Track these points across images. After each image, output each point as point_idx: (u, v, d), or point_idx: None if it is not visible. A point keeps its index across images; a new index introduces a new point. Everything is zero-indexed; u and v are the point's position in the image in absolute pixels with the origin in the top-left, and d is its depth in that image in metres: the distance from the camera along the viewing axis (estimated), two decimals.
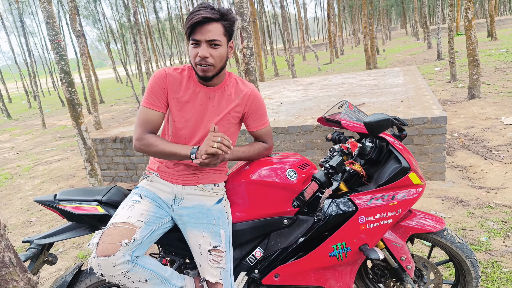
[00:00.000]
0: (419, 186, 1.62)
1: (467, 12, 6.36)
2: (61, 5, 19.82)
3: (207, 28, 1.38)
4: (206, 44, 1.40)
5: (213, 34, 1.39)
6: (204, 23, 1.38)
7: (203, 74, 1.43)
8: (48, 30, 3.80)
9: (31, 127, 12.91)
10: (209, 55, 1.40)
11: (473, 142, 4.51)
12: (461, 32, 20.46)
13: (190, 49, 1.44)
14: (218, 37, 1.40)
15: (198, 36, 1.39)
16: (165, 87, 1.51)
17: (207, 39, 1.39)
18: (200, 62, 1.40)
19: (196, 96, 1.53)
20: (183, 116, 1.53)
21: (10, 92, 35.48)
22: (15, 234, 3.78)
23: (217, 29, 1.40)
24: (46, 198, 1.71)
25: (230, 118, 1.57)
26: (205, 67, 1.41)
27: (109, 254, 1.29)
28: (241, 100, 1.58)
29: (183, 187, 1.56)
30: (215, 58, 1.41)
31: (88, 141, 4.17)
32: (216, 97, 1.54)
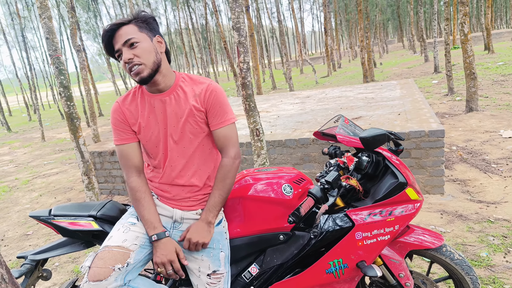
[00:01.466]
0: (417, 202, 1.60)
1: (463, 26, 6.44)
2: (63, 20, 20.07)
3: (119, 34, 1.36)
4: (126, 48, 1.36)
5: (126, 35, 1.35)
6: (115, 32, 1.36)
7: (139, 77, 1.36)
8: (48, 45, 3.83)
9: (30, 140, 12.91)
10: (132, 55, 1.35)
11: (472, 156, 4.51)
12: (458, 46, 20.69)
13: (122, 65, 1.40)
14: (133, 35, 1.36)
15: (116, 46, 1.36)
16: (124, 118, 1.48)
17: (122, 41, 1.35)
18: (129, 67, 1.36)
19: (154, 108, 1.47)
20: (149, 132, 1.48)
21: (10, 105, 35.61)
22: (11, 248, 3.74)
23: (129, 30, 1.36)
24: (41, 213, 1.69)
25: (194, 119, 1.46)
26: (136, 68, 1.35)
27: (101, 279, 1.25)
28: (199, 97, 1.46)
29: (182, 212, 1.51)
30: (140, 55, 1.35)
31: (86, 154, 4.16)
32: (173, 100, 1.46)
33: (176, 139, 1.47)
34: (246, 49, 3.10)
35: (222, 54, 45.65)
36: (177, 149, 1.48)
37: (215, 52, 39.07)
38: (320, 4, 41.05)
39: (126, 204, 1.80)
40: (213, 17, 28.61)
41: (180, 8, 28.16)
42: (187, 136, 1.47)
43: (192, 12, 29.84)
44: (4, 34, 19.86)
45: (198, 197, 1.52)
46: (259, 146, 3.34)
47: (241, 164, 4.34)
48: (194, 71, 50.96)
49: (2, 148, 11.74)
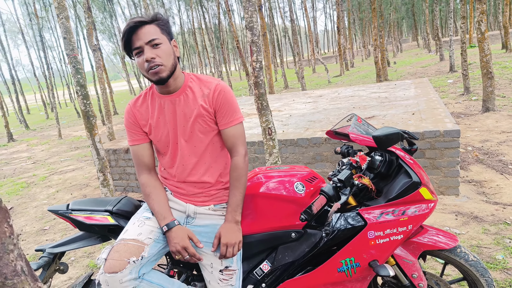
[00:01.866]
0: (431, 202, 1.59)
1: (480, 24, 6.32)
2: (79, 20, 20.43)
3: (142, 32, 1.37)
4: (148, 46, 1.38)
5: (150, 34, 1.38)
6: (137, 28, 1.37)
7: (157, 77, 1.39)
8: (65, 45, 3.92)
9: (47, 137, 13.19)
10: (155, 55, 1.37)
11: (488, 156, 4.42)
12: (474, 44, 20.27)
13: (136, 62, 1.42)
14: (156, 35, 1.39)
15: (137, 43, 1.38)
16: (135, 120, 1.53)
17: (146, 40, 1.37)
18: (150, 65, 1.37)
19: (164, 108, 1.50)
20: (159, 132, 1.52)
21: (28, 104, 36.47)
22: (29, 242, 3.84)
23: (152, 30, 1.39)
24: (59, 207, 1.75)
25: (203, 119, 1.49)
26: (156, 68, 1.38)
27: (116, 271, 1.29)
28: (208, 97, 1.49)
29: (195, 207, 1.55)
30: (161, 56, 1.38)
31: (101, 151, 4.23)
32: (182, 101, 1.49)
33: (186, 138, 1.50)
34: (259, 48, 3.11)
35: (234, 53, 45.76)
36: (188, 148, 1.51)
37: (227, 52, 39.20)
38: (333, 3, 40.76)
39: (140, 200, 1.84)
40: (226, 17, 28.70)
41: (194, 8, 28.34)
42: (197, 135, 1.50)
43: (205, 11, 29.99)
44: (23, 34, 20.32)
45: (211, 192, 1.55)
46: (271, 145, 3.34)
47: (253, 162, 4.35)
48: (207, 70, 51.24)
49: (21, 145, 12.03)
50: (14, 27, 33.35)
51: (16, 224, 4.47)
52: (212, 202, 1.56)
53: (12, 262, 0.62)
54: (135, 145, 1.55)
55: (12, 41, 39.73)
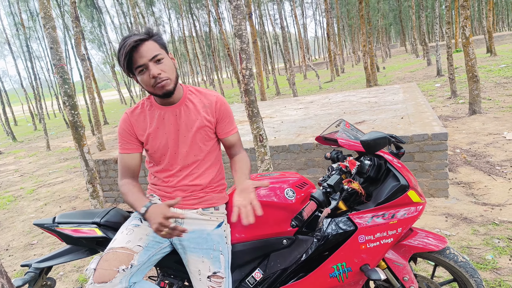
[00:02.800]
0: (419, 204, 1.60)
1: (464, 29, 6.45)
2: (67, 30, 20.32)
3: (143, 49, 1.39)
4: (152, 63, 1.40)
5: (152, 51, 1.41)
6: (138, 46, 1.39)
7: (164, 90, 1.43)
8: (52, 55, 3.89)
9: (35, 149, 13.01)
10: (160, 71, 1.41)
11: (476, 158, 4.48)
12: (460, 49, 20.66)
13: (139, 78, 1.44)
14: (158, 51, 1.42)
15: (140, 61, 1.39)
16: (131, 129, 1.55)
17: (150, 57, 1.40)
18: (156, 81, 1.41)
19: (164, 119, 1.54)
20: (158, 142, 1.54)
21: (16, 115, 35.97)
22: (16, 258, 3.76)
23: (152, 46, 1.42)
24: (45, 221, 1.71)
25: (204, 129, 1.56)
26: (163, 82, 1.42)
27: (106, 281, 1.27)
28: (210, 108, 1.57)
29: (182, 211, 1.55)
30: (166, 70, 1.43)
31: (90, 162, 4.19)
32: (183, 112, 1.54)
33: (187, 148, 1.55)
34: (248, 55, 3.13)
35: (226, 61, 45.90)
36: (188, 157, 1.55)
37: (219, 59, 39.30)
38: (323, 10, 41.26)
39: (129, 211, 1.81)
40: (217, 25, 28.83)
41: (184, 16, 28.41)
42: (198, 145, 1.56)
43: (195, 20, 30.09)
44: (9, 44, 20.12)
45: (200, 195, 1.57)
46: (262, 151, 3.35)
47: None
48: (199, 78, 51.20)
49: (8, 158, 11.84)
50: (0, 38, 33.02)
51: (3, 239, 4.38)
52: (200, 205, 1.56)
53: None
54: (127, 153, 1.56)
55: None
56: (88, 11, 23.62)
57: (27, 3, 20.32)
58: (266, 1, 31.37)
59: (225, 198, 1.66)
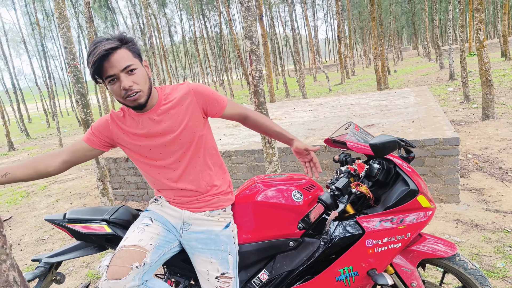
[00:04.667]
0: (429, 209, 1.58)
1: (478, 33, 6.36)
2: (81, 30, 20.63)
3: (115, 59, 1.30)
4: (124, 73, 1.31)
5: (124, 61, 1.31)
6: (109, 55, 1.29)
7: (135, 103, 1.35)
8: (66, 54, 3.95)
9: (48, 146, 13.22)
10: (132, 82, 1.32)
11: (488, 164, 4.41)
12: (473, 53, 20.37)
13: (110, 89, 1.35)
14: (131, 61, 1.33)
15: (111, 71, 1.30)
16: (107, 129, 1.48)
17: (121, 68, 1.30)
18: (127, 93, 1.32)
19: (144, 127, 1.46)
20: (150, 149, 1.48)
21: (30, 113, 36.62)
22: (27, 252, 3.82)
23: (125, 55, 1.32)
24: (56, 217, 1.74)
25: (194, 121, 1.49)
26: (135, 96, 1.33)
27: (120, 277, 1.28)
28: (190, 100, 1.47)
29: (190, 213, 1.54)
30: (138, 82, 1.33)
31: (101, 160, 4.24)
32: (162, 114, 1.46)
33: (175, 147, 1.48)
34: (258, 57, 3.14)
35: (236, 62, 46.04)
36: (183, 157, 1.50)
37: (229, 60, 39.43)
38: (334, 12, 41.09)
39: (138, 210, 1.83)
40: (228, 26, 28.93)
41: (195, 17, 28.60)
42: (186, 143, 1.48)
43: (207, 21, 30.26)
44: (25, 43, 20.52)
45: (206, 198, 1.55)
46: (270, 153, 3.35)
47: (253, 171, 4.35)
48: (209, 79, 51.43)
49: (21, 154, 12.05)
50: (17, 37, 33.69)
51: (15, 234, 4.46)
52: (208, 208, 1.55)
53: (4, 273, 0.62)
54: (89, 145, 1.49)
55: (14, 50, 40.12)
56: (102, 11, 23.92)
57: (42, 3, 20.70)
58: (277, 3, 31.37)
59: (231, 200, 1.64)
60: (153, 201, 1.64)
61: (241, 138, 5.01)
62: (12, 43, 35.85)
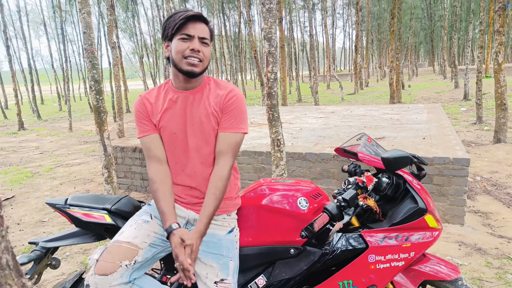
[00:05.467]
0: (435, 230, 1.55)
1: (498, 55, 6.27)
2: (102, 17, 20.80)
3: (200, 26, 1.41)
4: (199, 40, 1.41)
5: (205, 32, 1.43)
6: (197, 20, 1.41)
7: (190, 68, 1.39)
8: (84, 39, 3.97)
9: (58, 129, 13.35)
10: (201, 50, 1.41)
11: (496, 188, 4.33)
12: (490, 75, 20.12)
13: (176, 44, 1.40)
14: (208, 36, 1.44)
15: (192, 31, 1.39)
16: (145, 110, 1.50)
17: (200, 35, 1.40)
18: (191, 54, 1.38)
19: (175, 103, 1.48)
20: (167, 126, 1.48)
21: (43, 94, 37.02)
22: (26, 233, 3.84)
23: (206, 30, 1.44)
24: (57, 201, 1.73)
25: (211, 121, 1.46)
26: (196, 62, 1.39)
27: (107, 274, 1.26)
28: (220, 99, 1.48)
29: (196, 214, 1.51)
30: (205, 54, 1.42)
31: (109, 148, 4.25)
32: (195, 99, 1.48)
33: (195, 138, 1.47)
34: (275, 59, 3.12)
35: (251, 63, 46.06)
36: (195, 150, 1.47)
37: (245, 61, 39.46)
38: (353, 22, 40.95)
39: (141, 201, 1.82)
40: (246, 26, 28.98)
41: (215, 15, 28.70)
42: (205, 137, 1.47)
43: (226, 19, 30.34)
44: (45, 25, 20.77)
45: None
46: (278, 156, 3.32)
47: (259, 172, 4.33)
48: (223, 77, 51.54)
49: (30, 134, 12.18)
50: (38, 18, 34.06)
51: (16, 213, 4.49)
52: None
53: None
54: (145, 136, 1.50)
55: (34, 31, 40.59)
56: (124, 1, 24.13)
57: None
58: (298, 8, 31.35)
59: (238, 204, 1.61)
60: None
61: (249, 139, 4.99)
62: (32, 24, 36.26)
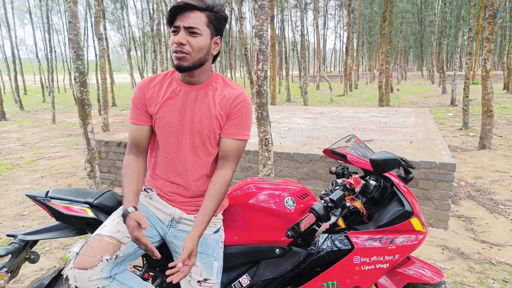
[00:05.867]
0: (421, 233, 1.55)
1: (486, 62, 6.38)
2: (89, 8, 20.43)
3: (188, 15, 1.29)
4: (185, 31, 1.30)
5: (192, 21, 1.29)
6: (185, 10, 1.29)
7: (177, 62, 1.31)
8: (70, 29, 3.87)
9: (41, 120, 13.05)
10: (186, 42, 1.29)
11: (480, 193, 4.40)
12: (477, 81, 20.53)
13: (170, 39, 1.34)
14: (198, 25, 1.30)
15: (178, 22, 1.30)
16: (143, 97, 1.43)
17: (186, 25, 1.29)
18: (176, 49, 1.30)
19: (177, 96, 1.41)
20: (164, 118, 1.41)
21: (27, 84, 36.17)
22: (4, 226, 3.73)
23: (198, 18, 1.30)
24: (38, 193, 1.67)
25: (213, 123, 1.40)
26: (180, 55, 1.30)
27: (87, 268, 1.22)
28: (227, 101, 1.40)
29: (181, 212, 1.46)
30: (192, 46, 1.30)
31: (92, 142, 4.16)
32: (199, 97, 1.40)
33: (191, 136, 1.41)
34: (266, 57, 3.09)
35: (241, 60, 45.95)
36: (191, 148, 1.42)
37: (235, 58, 39.32)
38: (345, 23, 41.23)
39: None
40: (237, 23, 28.85)
41: None
42: (202, 137, 1.41)
43: None
44: (31, 14, 20.24)
45: (200, 203, 1.45)
46: (266, 156, 3.30)
47: (246, 171, 4.30)
48: None
49: (12, 125, 11.87)
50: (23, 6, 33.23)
51: None
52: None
53: None
54: (135, 124, 1.45)
55: (19, 19, 39.66)
56: None
57: None
58: (290, 7, 31.38)
59: (225, 206, 1.57)
60: (142, 190, 1.53)
61: None
62: (17, 12, 35.40)
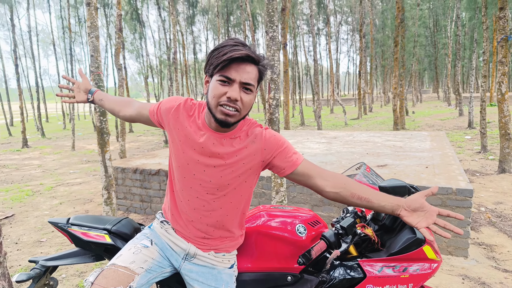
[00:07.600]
0: (434, 262, 1.53)
1: (501, 85, 6.32)
2: (109, 38, 21.34)
3: (246, 69, 1.19)
4: (239, 86, 1.20)
5: (249, 77, 1.20)
6: (243, 62, 1.19)
7: (224, 118, 1.21)
8: (91, 62, 4.07)
9: (61, 147, 13.44)
10: (239, 98, 1.19)
11: (501, 220, 4.27)
12: (494, 103, 20.22)
13: (214, 86, 1.22)
14: (253, 81, 1.22)
15: (233, 75, 1.18)
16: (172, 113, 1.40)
17: (243, 80, 1.19)
18: (227, 103, 1.19)
19: (202, 136, 1.34)
20: (184, 157, 1.36)
21: (49, 112, 37.52)
22: (24, 253, 3.81)
23: (253, 73, 1.21)
24: (60, 220, 1.76)
25: (241, 168, 1.35)
26: (231, 112, 1.20)
27: None
28: (257, 145, 1.33)
29: (196, 248, 1.46)
30: (244, 103, 1.22)
31: (110, 169, 4.27)
32: (225, 144, 1.33)
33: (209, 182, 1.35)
34: (277, 86, 3.17)
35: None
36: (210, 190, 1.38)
37: None
38: (357, 48, 41.68)
39: (141, 224, 1.83)
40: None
41: (221, 38, 29.34)
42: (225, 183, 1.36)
43: None
44: (54, 45, 21.24)
45: (215, 243, 1.46)
46: (279, 182, 3.32)
47: (259, 198, 4.31)
48: None
49: (34, 152, 12.26)
50: (47, 38, 34.98)
51: (15, 232, 4.46)
52: (213, 249, 1.48)
53: None
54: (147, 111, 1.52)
55: (43, 50, 41.60)
56: (132, 23, 24.77)
57: (77, 10, 21.57)
58: (303, 33, 32.02)
59: (240, 243, 1.55)
60: (159, 221, 1.53)
61: None
62: (42, 43, 37.22)
